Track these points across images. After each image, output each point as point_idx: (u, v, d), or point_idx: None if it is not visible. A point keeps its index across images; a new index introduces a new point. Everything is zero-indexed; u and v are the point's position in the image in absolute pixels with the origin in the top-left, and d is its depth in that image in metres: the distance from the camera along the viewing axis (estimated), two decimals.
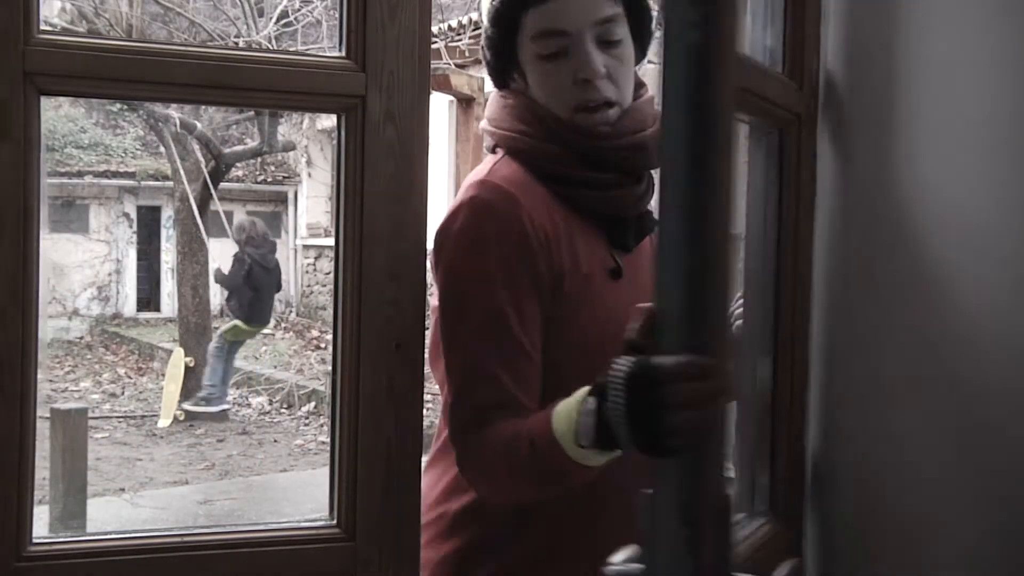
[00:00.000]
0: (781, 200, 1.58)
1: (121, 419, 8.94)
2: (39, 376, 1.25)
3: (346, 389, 1.36)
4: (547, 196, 1.37)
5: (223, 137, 10.55)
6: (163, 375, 9.34)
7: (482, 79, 6.73)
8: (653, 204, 1.44)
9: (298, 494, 6.61)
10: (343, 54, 1.36)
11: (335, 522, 1.36)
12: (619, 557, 0.84)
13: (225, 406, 8.92)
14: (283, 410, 9.33)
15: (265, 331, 11.68)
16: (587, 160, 1.39)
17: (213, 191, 9.52)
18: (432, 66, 1.46)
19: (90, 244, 13.37)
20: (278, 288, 9.57)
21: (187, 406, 8.76)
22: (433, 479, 1.46)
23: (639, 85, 1.45)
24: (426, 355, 1.33)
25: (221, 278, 9.03)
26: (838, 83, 1.56)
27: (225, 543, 1.32)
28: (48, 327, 11.36)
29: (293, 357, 11.08)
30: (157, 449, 8.04)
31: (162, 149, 10.30)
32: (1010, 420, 1.27)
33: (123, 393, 9.90)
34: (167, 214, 12.73)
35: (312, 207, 14.04)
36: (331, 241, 3.80)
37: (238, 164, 11.43)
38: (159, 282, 14.05)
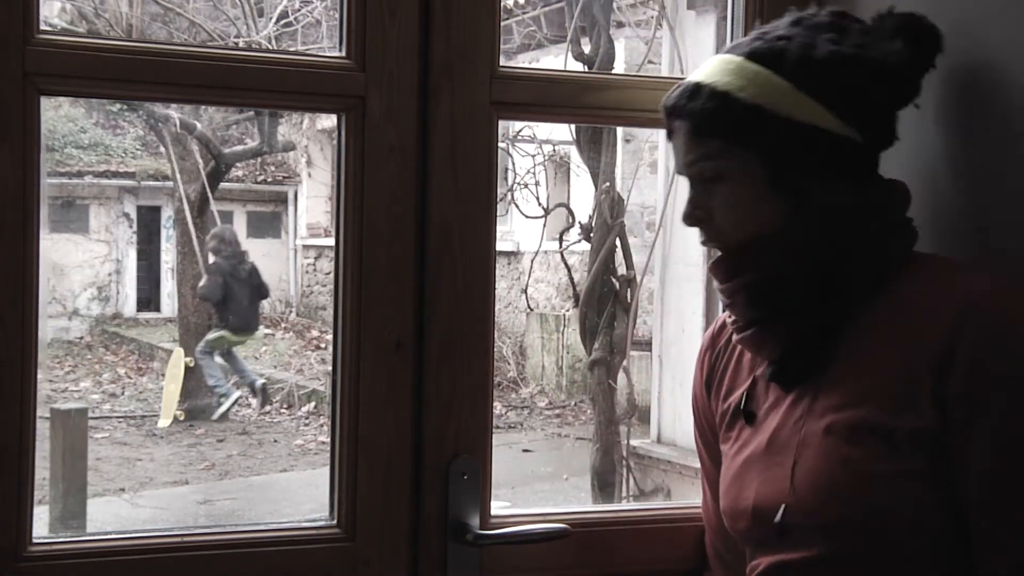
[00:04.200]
0: None
1: (121, 419, 8.93)
2: (39, 376, 1.25)
3: (346, 389, 1.35)
4: None
5: (223, 137, 10.53)
6: (163, 375, 9.33)
7: None
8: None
9: (298, 494, 6.60)
10: (343, 54, 1.36)
11: (335, 522, 1.36)
12: None
13: (237, 393, 9.00)
14: (283, 410, 9.32)
15: (266, 331, 11.69)
16: None
17: (212, 191, 9.52)
18: None
19: (90, 244, 13.34)
20: (262, 295, 9.51)
21: (213, 418, 8.79)
22: None
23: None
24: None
25: (203, 292, 9.09)
26: None
27: (225, 543, 1.32)
28: (48, 327, 11.33)
29: (293, 357, 11.06)
30: (157, 449, 8.03)
31: (162, 149, 10.29)
32: None
33: (123, 393, 9.88)
34: (167, 214, 12.71)
35: (312, 207, 14.02)
36: (331, 241, 3.80)
37: (238, 164, 11.41)
38: (159, 282, 14.01)
